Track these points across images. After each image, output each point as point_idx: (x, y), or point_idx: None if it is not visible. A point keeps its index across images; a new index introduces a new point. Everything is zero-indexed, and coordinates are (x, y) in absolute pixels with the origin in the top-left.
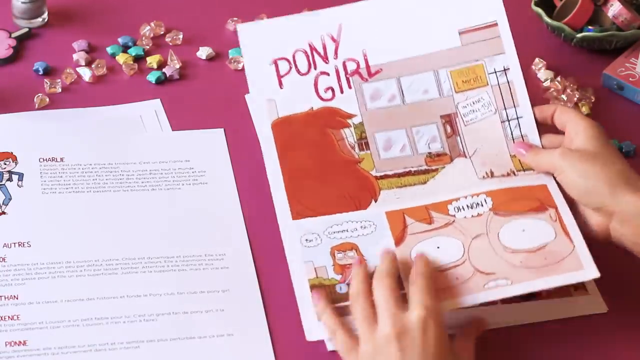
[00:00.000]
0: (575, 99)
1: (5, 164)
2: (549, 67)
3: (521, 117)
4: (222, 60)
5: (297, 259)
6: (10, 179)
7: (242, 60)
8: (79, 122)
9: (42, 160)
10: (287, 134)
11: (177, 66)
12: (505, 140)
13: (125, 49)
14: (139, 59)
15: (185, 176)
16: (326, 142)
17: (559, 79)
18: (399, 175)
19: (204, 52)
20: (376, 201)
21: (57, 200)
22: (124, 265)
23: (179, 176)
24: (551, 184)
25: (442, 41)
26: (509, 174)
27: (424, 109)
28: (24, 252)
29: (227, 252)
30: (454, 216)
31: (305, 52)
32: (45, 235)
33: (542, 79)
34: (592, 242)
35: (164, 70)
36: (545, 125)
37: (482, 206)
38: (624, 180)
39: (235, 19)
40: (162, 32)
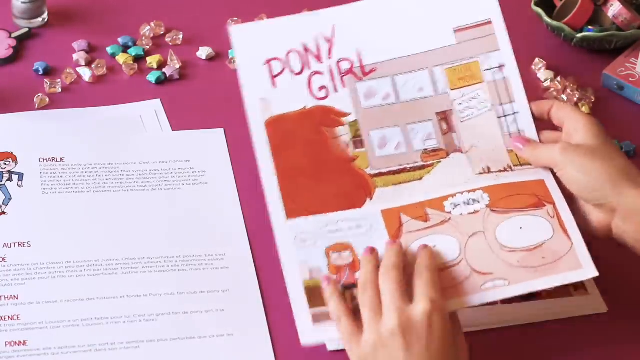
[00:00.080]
0: (575, 99)
1: (5, 164)
2: (549, 67)
3: (517, 113)
4: (222, 60)
5: (291, 259)
6: (10, 179)
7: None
8: (79, 122)
9: (42, 160)
10: (281, 133)
11: (177, 66)
12: (501, 135)
13: (125, 49)
14: (139, 59)
15: (185, 176)
16: (320, 141)
17: (559, 79)
18: (395, 172)
19: (204, 52)
20: (371, 199)
21: (57, 200)
22: (124, 265)
23: (179, 176)
24: (549, 179)
25: (437, 40)
26: (506, 169)
27: (419, 106)
28: (24, 252)
29: (227, 252)
30: (450, 213)
31: (298, 53)
32: (45, 235)
33: (542, 79)
34: (592, 240)
35: (164, 70)
36: (542, 120)
37: (478, 203)
38: (626, 176)
39: (235, 19)
40: (162, 32)
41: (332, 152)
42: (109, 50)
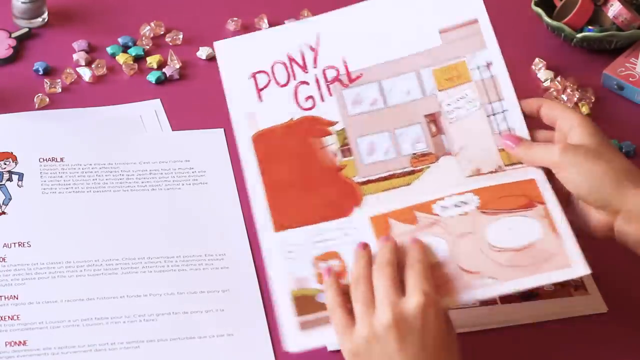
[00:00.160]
0: (575, 99)
1: (5, 164)
2: (549, 67)
3: (507, 111)
4: None
5: (278, 271)
6: (10, 179)
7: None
8: (79, 122)
9: (42, 160)
10: (268, 147)
11: (177, 66)
12: (491, 134)
13: (125, 49)
14: (139, 59)
15: (185, 176)
16: (308, 152)
17: (559, 79)
18: (383, 179)
19: (204, 52)
20: (359, 207)
21: (57, 200)
22: (124, 265)
23: (179, 176)
24: (540, 178)
25: (422, 42)
26: (496, 171)
27: (407, 110)
28: (24, 252)
29: (227, 252)
30: (439, 215)
31: (284, 64)
32: (45, 235)
33: (542, 79)
34: (591, 240)
35: (164, 70)
36: (533, 118)
37: (468, 205)
38: (629, 177)
39: (235, 19)
40: (162, 32)
41: (319, 162)
42: (109, 50)
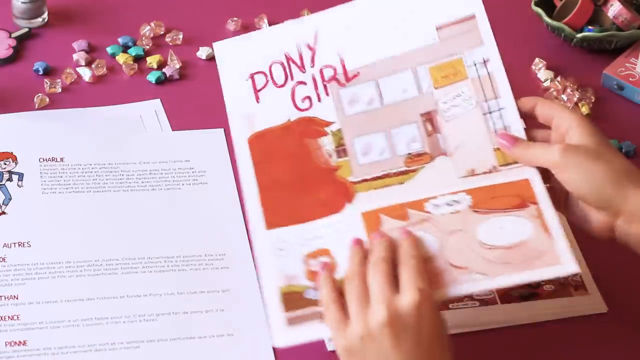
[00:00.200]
0: (575, 99)
1: (5, 164)
2: (549, 67)
3: (503, 109)
4: None
5: (268, 268)
6: (10, 179)
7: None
8: (79, 122)
9: (42, 160)
10: (264, 148)
11: (177, 66)
12: (487, 133)
13: (125, 49)
14: (139, 59)
15: (185, 176)
16: (303, 153)
17: (559, 79)
18: (377, 178)
19: (204, 52)
20: (351, 203)
21: (57, 200)
22: (124, 265)
23: (179, 176)
24: (534, 178)
25: (419, 39)
26: (491, 171)
27: (404, 108)
28: (24, 252)
29: (227, 252)
30: (431, 212)
31: (281, 64)
32: (45, 235)
33: (542, 79)
34: (591, 240)
35: (164, 70)
36: (530, 117)
37: (460, 204)
38: (629, 178)
39: (235, 19)
40: (162, 32)
41: (314, 163)
42: (109, 50)
